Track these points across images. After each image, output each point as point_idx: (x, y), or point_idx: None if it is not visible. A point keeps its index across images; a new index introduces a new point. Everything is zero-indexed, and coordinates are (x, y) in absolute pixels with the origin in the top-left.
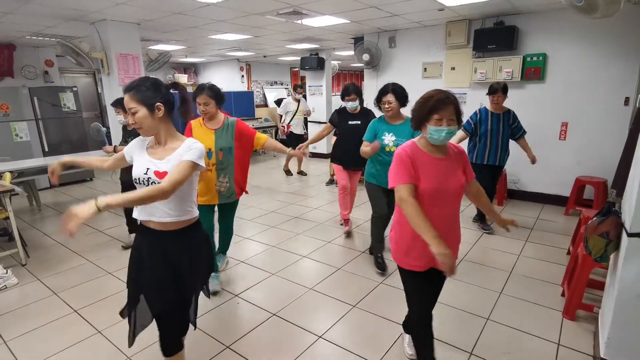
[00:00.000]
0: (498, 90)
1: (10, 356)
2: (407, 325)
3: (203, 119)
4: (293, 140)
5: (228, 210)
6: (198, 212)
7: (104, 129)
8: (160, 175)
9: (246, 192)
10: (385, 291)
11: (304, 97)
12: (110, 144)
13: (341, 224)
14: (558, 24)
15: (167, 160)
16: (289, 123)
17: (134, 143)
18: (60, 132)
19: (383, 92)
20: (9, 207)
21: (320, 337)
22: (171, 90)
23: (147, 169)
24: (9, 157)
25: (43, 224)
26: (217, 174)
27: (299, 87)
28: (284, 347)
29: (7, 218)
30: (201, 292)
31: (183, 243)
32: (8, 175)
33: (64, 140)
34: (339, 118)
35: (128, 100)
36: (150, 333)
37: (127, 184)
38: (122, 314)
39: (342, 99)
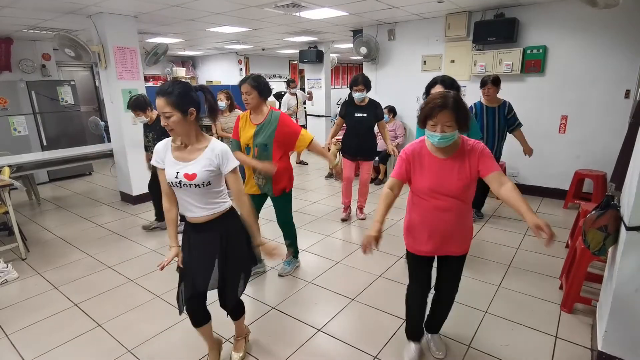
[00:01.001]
0: (487, 82)
1: (11, 349)
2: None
3: (250, 111)
4: None
5: (276, 204)
6: (230, 203)
7: (102, 123)
8: (190, 177)
9: (286, 192)
10: (384, 284)
11: (302, 89)
12: (109, 138)
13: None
14: (559, 16)
15: (196, 161)
16: (297, 118)
17: (159, 148)
18: (59, 126)
19: (432, 84)
20: (8, 201)
21: (319, 330)
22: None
23: (177, 172)
24: (8, 151)
25: (42, 218)
26: (253, 170)
27: (291, 82)
28: (283, 340)
29: (7, 212)
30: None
31: (216, 231)
32: (7, 170)
33: (62, 134)
34: (345, 110)
35: (163, 105)
36: (151, 330)
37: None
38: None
39: (350, 88)
